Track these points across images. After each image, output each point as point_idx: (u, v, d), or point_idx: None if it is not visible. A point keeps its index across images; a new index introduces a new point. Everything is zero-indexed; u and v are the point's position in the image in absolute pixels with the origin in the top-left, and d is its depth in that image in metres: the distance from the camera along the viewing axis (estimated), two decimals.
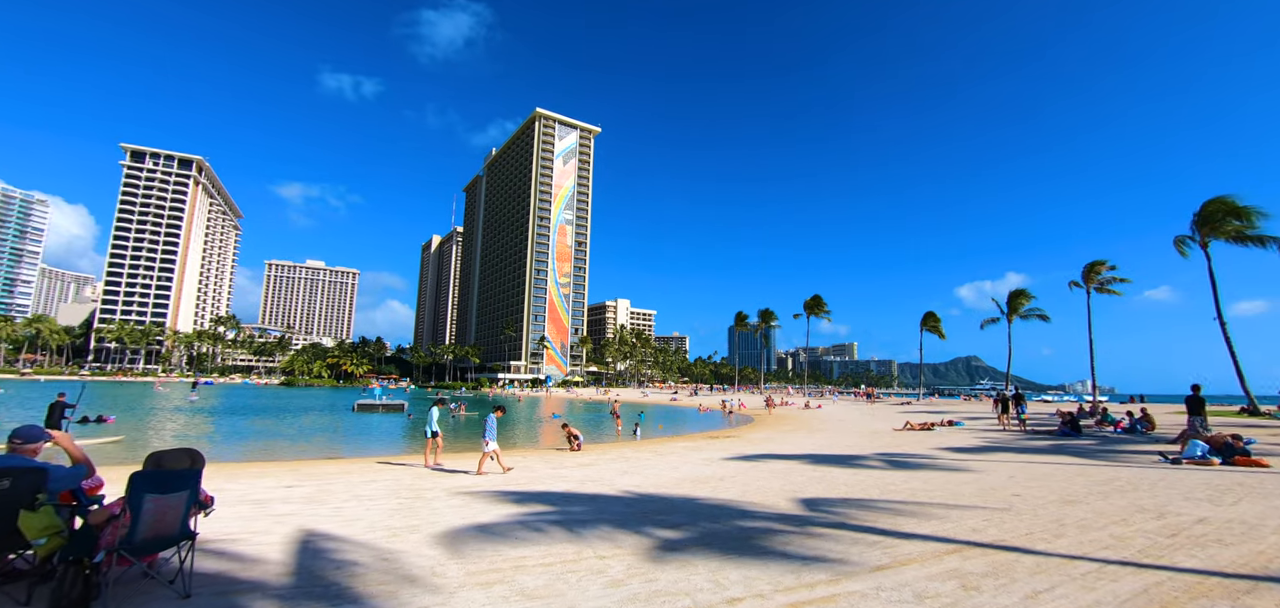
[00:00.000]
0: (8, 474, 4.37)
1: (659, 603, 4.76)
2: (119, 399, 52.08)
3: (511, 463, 15.06)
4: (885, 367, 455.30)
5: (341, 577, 5.44)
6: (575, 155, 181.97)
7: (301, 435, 27.84)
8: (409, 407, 46.29)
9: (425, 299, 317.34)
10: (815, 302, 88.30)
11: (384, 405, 44.20)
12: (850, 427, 30.95)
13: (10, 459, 4.60)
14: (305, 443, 24.79)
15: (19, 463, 4.54)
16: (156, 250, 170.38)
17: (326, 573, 5.56)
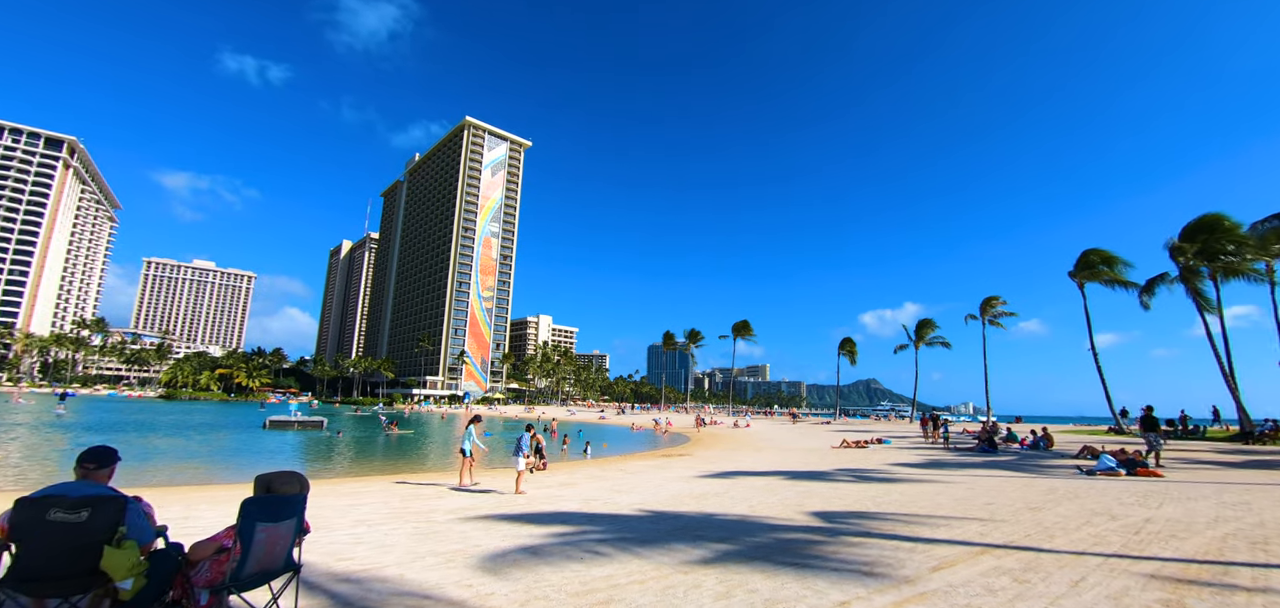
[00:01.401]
0: (86, 505, 3.78)
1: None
2: None
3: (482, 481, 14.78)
4: (795, 387, 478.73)
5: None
6: (504, 167, 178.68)
7: (221, 455, 25.47)
8: (329, 424, 43.29)
9: (331, 308, 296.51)
10: (742, 326, 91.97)
11: (299, 422, 41.04)
12: (790, 445, 32.50)
13: (86, 487, 3.98)
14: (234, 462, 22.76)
15: (97, 492, 3.94)
16: (10, 239, 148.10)
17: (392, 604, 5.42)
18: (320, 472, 20.47)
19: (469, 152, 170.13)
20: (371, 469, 22.03)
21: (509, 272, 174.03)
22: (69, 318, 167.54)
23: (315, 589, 5.47)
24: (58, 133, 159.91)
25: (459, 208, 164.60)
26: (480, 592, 5.46)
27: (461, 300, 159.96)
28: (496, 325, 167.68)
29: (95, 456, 4.19)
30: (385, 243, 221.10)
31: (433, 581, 5.87)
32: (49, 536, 3.70)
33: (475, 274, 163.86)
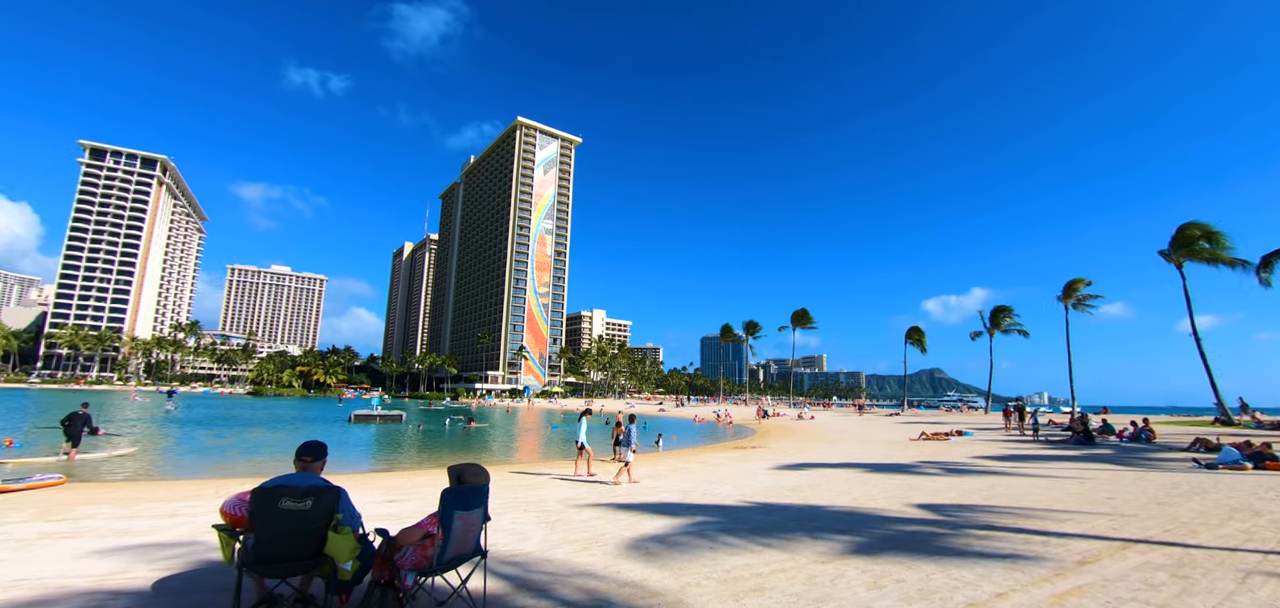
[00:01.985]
0: (310, 494, 4.25)
1: (935, 602, 5.17)
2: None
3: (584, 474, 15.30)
4: (853, 378, 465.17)
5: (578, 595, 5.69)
6: (556, 165, 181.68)
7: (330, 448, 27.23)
8: (407, 417, 45.55)
9: (396, 307, 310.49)
10: (801, 315, 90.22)
11: (381, 415, 43.32)
12: (863, 438, 31.84)
13: (307, 478, 4.49)
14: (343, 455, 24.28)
15: (317, 482, 4.43)
16: (115, 252, 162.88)
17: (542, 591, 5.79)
18: (418, 463, 21.67)
19: (521, 151, 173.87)
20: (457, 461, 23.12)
21: (563, 267, 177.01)
22: (167, 322, 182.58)
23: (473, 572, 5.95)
24: (152, 153, 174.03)
25: (514, 206, 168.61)
26: (634, 578, 5.79)
27: (518, 297, 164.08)
28: (553, 320, 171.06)
29: (311, 449, 4.76)
30: (445, 243, 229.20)
31: (582, 564, 6.26)
32: (281, 522, 4.24)
33: (531, 271, 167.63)
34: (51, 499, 10.27)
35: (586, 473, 15.21)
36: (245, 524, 4.51)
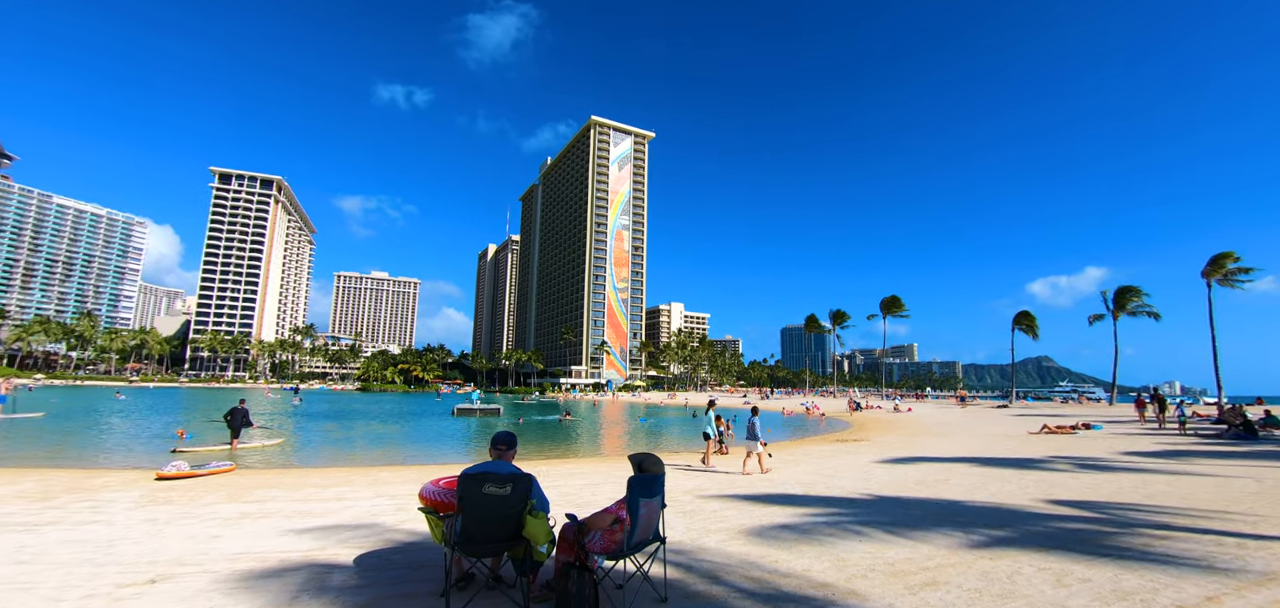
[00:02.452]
0: (510, 480, 4.56)
1: (1135, 604, 4.85)
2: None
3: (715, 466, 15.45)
4: (948, 368, 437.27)
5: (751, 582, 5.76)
6: (630, 161, 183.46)
7: (439, 440, 29.17)
8: (503, 411, 47.83)
9: (482, 306, 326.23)
10: (892, 302, 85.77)
11: (481, 409, 45.75)
12: (974, 431, 29.95)
13: (505, 466, 4.79)
14: (459, 446, 25.96)
15: (514, 470, 4.73)
16: (242, 266, 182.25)
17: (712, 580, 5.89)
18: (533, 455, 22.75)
19: (596, 150, 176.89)
20: (572, 452, 23.97)
21: (641, 262, 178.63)
22: (286, 326, 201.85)
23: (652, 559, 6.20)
24: (268, 174, 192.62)
25: (590, 204, 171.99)
26: (795, 567, 5.84)
27: (598, 293, 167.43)
28: (632, 315, 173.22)
29: (505, 439, 5.13)
30: (526, 243, 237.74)
31: (737, 553, 6.37)
32: (485, 505, 4.60)
33: (609, 267, 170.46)
34: (231, 484, 11.69)
35: (712, 464, 15.70)
36: (448, 508, 5.00)
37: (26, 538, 6.84)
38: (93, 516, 8.20)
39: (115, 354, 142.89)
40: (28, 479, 11.64)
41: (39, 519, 7.94)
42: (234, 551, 6.38)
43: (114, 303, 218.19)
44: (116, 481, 11.75)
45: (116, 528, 7.42)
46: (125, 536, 7.00)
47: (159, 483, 11.57)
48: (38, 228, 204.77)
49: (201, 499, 9.72)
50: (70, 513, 8.35)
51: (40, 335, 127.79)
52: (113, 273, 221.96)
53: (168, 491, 10.57)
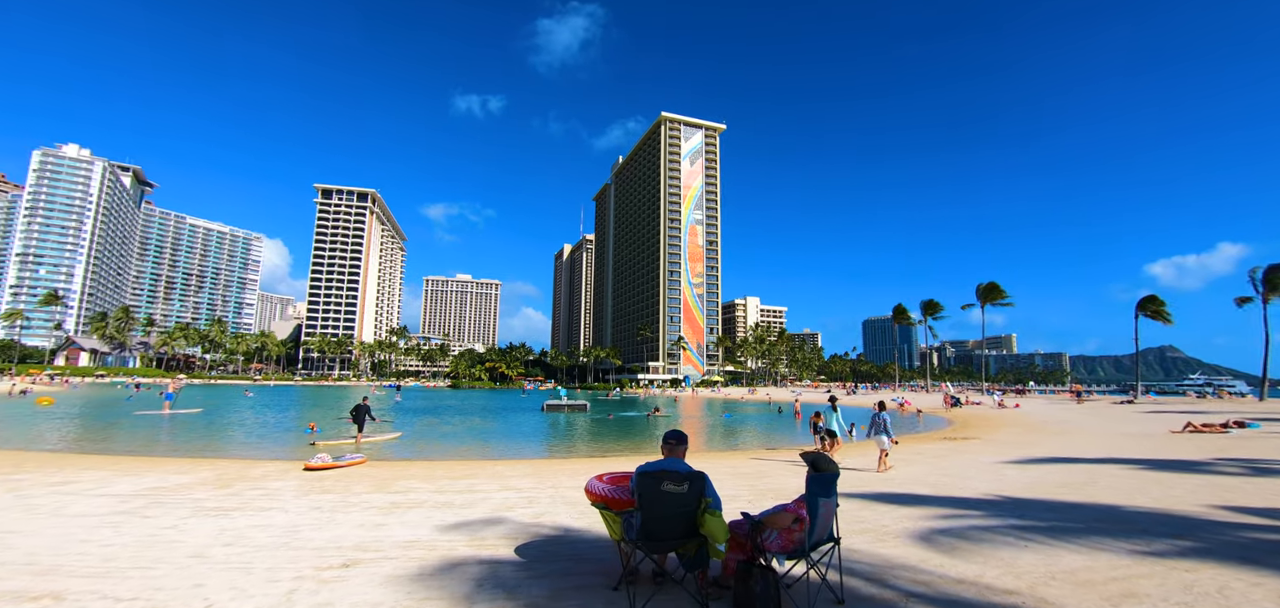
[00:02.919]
0: (687, 479, 4.58)
1: None
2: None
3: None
4: (1053, 361, 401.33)
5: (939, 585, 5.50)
6: (701, 155, 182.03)
7: (539, 436, 30.22)
8: (590, 408, 48.92)
9: (559, 304, 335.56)
10: (990, 289, 79.82)
11: (569, 406, 46.99)
12: (1099, 429, 27.38)
13: (680, 464, 4.81)
14: (562, 441, 26.83)
15: (689, 468, 4.73)
16: (344, 273, 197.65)
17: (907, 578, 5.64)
18: (631, 449, 23.08)
19: (667, 145, 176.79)
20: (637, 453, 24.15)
21: (716, 256, 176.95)
22: (383, 328, 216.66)
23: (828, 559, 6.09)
24: (364, 188, 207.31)
25: (663, 200, 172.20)
26: (966, 574, 5.52)
27: (674, 289, 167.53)
28: (708, 310, 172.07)
29: (677, 437, 5.15)
30: (601, 242, 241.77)
31: (893, 556, 6.11)
32: (663, 502, 4.63)
33: (684, 262, 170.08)
34: (370, 475, 12.61)
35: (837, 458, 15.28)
36: (619, 504, 5.13)
37: (224, 522, 7.70)
38: (268, 502, 9.12)
39: (241, 356, 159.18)
40: (204, 468, 13.15)
41: (225, 504, 8.93)
42: (403, 539, 6.86)
43: (238, 310, 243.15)
44: (273, 471, 13.01)
45: (291, 514, 8.19)
46: (302, 521, 7.72)
47: (307, 473, 12.71)
48: (175, 246, 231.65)
49: (352, 489, 10.55)
50: (248, 500, 9.32)
51: (181, 340, 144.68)
52: (236, 283, 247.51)
53: (319, 480, 11.58)
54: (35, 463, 13.55)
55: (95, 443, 21.18)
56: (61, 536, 6.82)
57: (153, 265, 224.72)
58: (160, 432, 25.49)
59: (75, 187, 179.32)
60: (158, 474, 11.96)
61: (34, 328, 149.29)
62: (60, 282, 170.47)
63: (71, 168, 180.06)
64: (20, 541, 6.58)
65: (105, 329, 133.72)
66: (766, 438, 28.13)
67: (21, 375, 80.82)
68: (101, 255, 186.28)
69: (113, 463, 13.91)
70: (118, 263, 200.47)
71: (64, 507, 8.54)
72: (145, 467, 13.26)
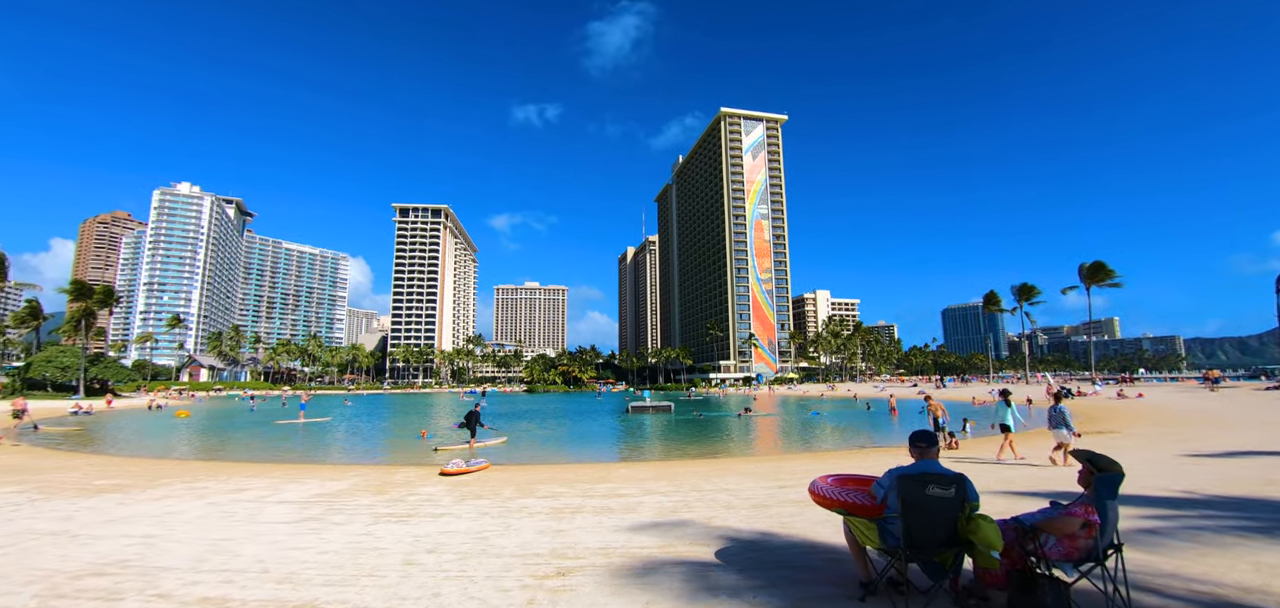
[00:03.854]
0: (953, 482, 4.32)
1: None
2: (436, 406, 63.50)
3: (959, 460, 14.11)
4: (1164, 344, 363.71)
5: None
6: (763, 148, 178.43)
7: (636, 437, 30.30)
8: (675, 409, 48.74)
9: (625, 307, 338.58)
10: (1096, 269, 73.21)
11: (653, 407, 47.00)
12: (1265, 421, 24.37)
13: (939, 466, 4.53)
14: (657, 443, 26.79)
15: (953, 471, 4.46)
16: (422, 286, 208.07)
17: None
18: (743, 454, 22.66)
19: (728, 141, 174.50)
20: (773, 450, 23.52)
21: (783, 250, 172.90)
22: (460, 337, 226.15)
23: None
24: (437, 204, 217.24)
25: (727, 197, 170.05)
26: (1226, 577, 4.85)
27: (742, 285, 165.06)
28: (778, 306, 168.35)
29: (928, 438, 4.77)
30: (665, 242, 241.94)
31: (1148, 561, 5.43)
32: (929, 507, 4.31)
33: (751, 258, 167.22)
34: (507, 480, 12.82)
35: (1014, 456, 14.53)
36: (864, 511, 4.78)
37: (411, 528, 7.94)
38: (435, 508, 9.38)
39: (335, 367, 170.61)
40: (350, 474, 13.85)
41: (396, 510, 9.26)
42: (595, 544, 6.81)
43: (329, 325, 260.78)
44: (413, 476, 13.53)
45: (465, 521, 8.36)
46: (482, 528, 7.84)
47: (445, 478, 13.12)
48: (273, 268, 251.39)
49: (498, 493, 10.74)
50: (414, 506, 9.63)
51: (284, 355, 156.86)
52: (327, 300, 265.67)
53: (462, 485, 11.89)
54: (204, 472, 14.77)
55: (248, 451, 22.96)
56: (271, 543, 7.21)
57: (255, 287, 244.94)
58: (298, 440, 27.51)
59: (189, 220, 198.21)
60: (315, 481, 12.68)
61: (161, 349, 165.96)
62: (180, 306, 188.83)
63: (185, 203, 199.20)
64: (238, 547, 7.00)
65: (220, 347, 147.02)
66: (871, 436, 26.91)
67: (154, 392, 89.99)
68: (213, 280, 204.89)
69: (271, 471, 14.94)
70: (226, 287, 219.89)
71: (256, 514, 9.12)
72: (301, 474, 14.13)
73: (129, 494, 11.04)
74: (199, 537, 7.51)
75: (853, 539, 4.98)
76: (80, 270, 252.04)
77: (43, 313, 78.91)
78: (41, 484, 12.55)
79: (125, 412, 52.30)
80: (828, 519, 7.92)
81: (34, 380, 71.35)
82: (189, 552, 6.73)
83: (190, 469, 15.29)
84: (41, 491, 11.67)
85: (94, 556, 6.61)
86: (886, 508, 4.57)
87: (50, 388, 69.15)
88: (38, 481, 13.08)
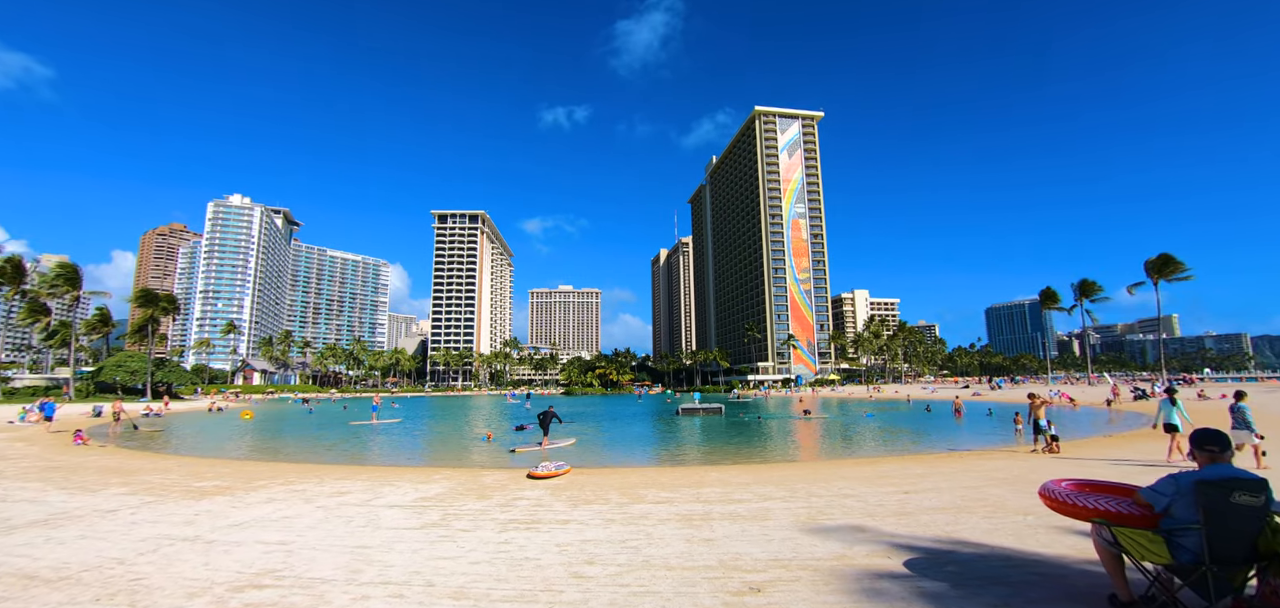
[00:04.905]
0: (1263, 489, 3.82)
1: None
2: (482, 408, 64.10)
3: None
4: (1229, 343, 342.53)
5: None
6: (799, 146, 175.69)
7: (695, 440, 29.70)
8: (725, 410, 47.96)
9: (659, 309, 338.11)
10: (1164, 262, 69.08)
11: (704, 409, 46.28)
12: None
13: (1234, 470, 4.02)
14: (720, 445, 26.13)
15: (1253, 476, 3.96)
16: (461, 290, 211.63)
17: None
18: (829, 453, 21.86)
19: (763, 140, 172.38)
20: (873, 454, 22.66)
21: (821, 249, 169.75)
22: (498, 340, 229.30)
23: None
24: (474, 210, 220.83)
25: (763, 197, 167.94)
26: None
27: (779, 286, 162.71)
28: (818, 306, 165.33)
29: (1218, 439, 4.18)
30: (699, 243, 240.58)
31: None
32: (1234, 518, 3.77)
33: (788, 258, 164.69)
34: (600, 484, 12.39)
35: (1181, 456, 13.73)
36: (1136, 521, 4.20)
37: (540, 536, 7.58)
38: (551, 514, 9.02)
39: (378, 371, 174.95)
40: (439, 478, 13.64)
41: (512, 516, 8.94)
42: (762, 555, 6.35)
43: (371, 330, 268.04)
44: (504, 479, 13.24)
45: (594, 528, 7.96)
46: (621, 536, 7.41)
47: (536, 480, 12.80)
48: (319, 276, 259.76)
49: (604, 498, 10.35)
50: (531, 513, 9.28)
51: (330, 359, 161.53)
52: (369, 306, 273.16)
53: (560, 489, 11.51)
54: (294, 473, 14.81)
55: (333, 453, 23.25)
56: (411, 551, 6.92)
57: (301, 294, 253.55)
58: (377, 441, 27.94)
59: (240, 230, 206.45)
60: (408, 484, 12.52)
61: (216, 354, 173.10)
62: (233, 312, 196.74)
63: (237, 214, 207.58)
64: (380, 555, 6.73)
65: (271, 352, 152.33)
66: (952, 439, 25.60)
67: (212, 394, 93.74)
68: (262, 288, 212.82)
69: (357, 473, 14.90)
70: (275, 293, 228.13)
71: (375, 519, 8.91)
72: (389, 476, 14.02)
73: (236, 497, 11.03)
74: (335, 544, 7.27)
75: (1109, 553, 4.42)
76: (141, 280, 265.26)
77: (112, 320, 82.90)
78: (146, 486, 12.71)
79: (186, 414, 54.27)
80: (997, 526, 7.26)
81: (105, 384, 74.96)
82: (336, 561, 6.47)
83: (281, 471, 15.37)
84: (150, 492, 11.78)
85: (238, 564, 6.41)
86: (1166, 518, 4.05)
87: (120, 391, 72.47)
88: (141, 482, 13.28)
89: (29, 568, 6.31)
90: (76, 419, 39.08)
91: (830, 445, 23.77)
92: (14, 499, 11.14)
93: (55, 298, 74.01)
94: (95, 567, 6.30)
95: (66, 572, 6.14)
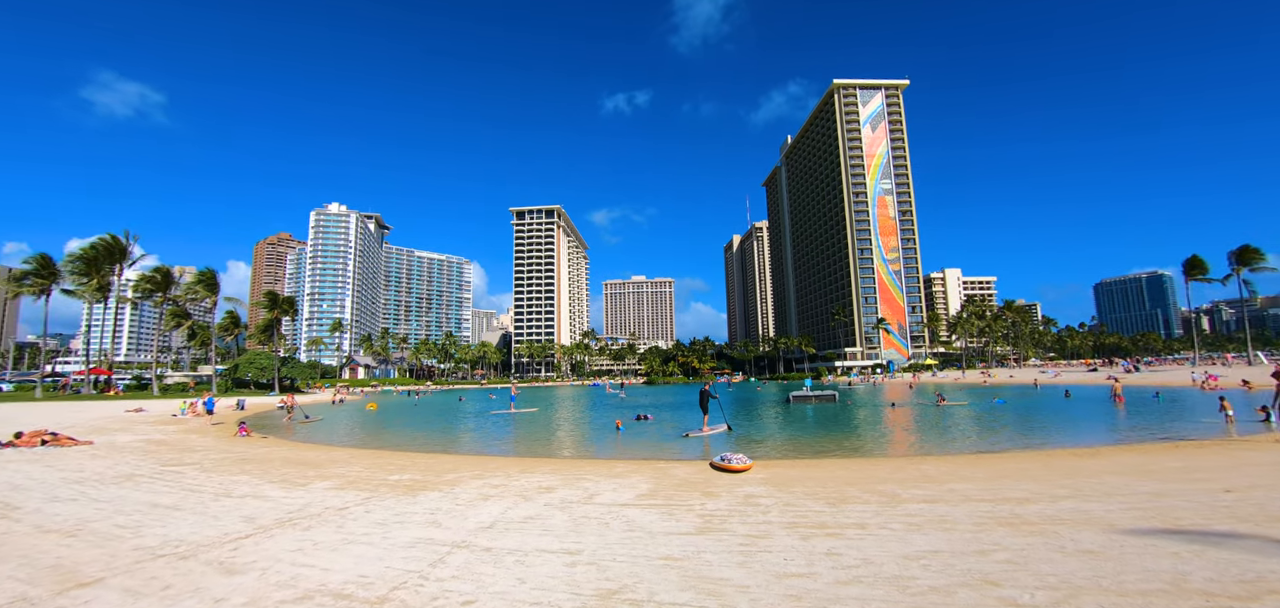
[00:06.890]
0: None
1: None
2: (577, 398, 64.62)
3: None
4: None
5: None
6: (883, 118, 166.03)
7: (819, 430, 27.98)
8: (839, 397, 45.66)
9: (733, 296, 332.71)
10: None
11: (816, 397, 44.16)
12: None
13: None
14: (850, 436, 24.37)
15: None
16: (540, 284, 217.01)
17: None
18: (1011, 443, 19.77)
19: (843, 114, 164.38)
20: (1067, 445, 20.31)
21: (911, 227, 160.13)
22: (577, 332, 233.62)
23: None
24: (550, 205, 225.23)
25: (845, 174, 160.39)
26: None
27: (866, 267, 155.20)
28: (909, 287, 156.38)
29: None
30: (775, 228, 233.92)
31: None
32: None
33: (875, 237, 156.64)
34: (793, 478, 11.17)
35: None
36: None
37: (854, 547, 6.46)
38: (827, 518, 7.91)
39: (467, 363, 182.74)
40: (634, 473, 12.92)
41: (770, 520, 7.90)
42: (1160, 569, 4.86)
43: (458, 325, 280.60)
44: (692, 473, 12.33)
45: (921, 535, 6.75)
46: (948, 547, 6.17)
47: (731, 474, 11.82)
48: (409, 275, 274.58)
49: (816, 496, 9.11)
50: (790, 516, 8.24)
51: (425, 353, 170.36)
52: (454, 302, 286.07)
53: (763, 483, 10.38)
54: (474, 466, 14.59)
55: (489, 445, 23.69)
56: (735, 566, 6.02)
57: (393, 293, 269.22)
58: (520, 431, 28.47)
59: (339, 236, 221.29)
60: (604, 478, 11.89)
61: (325, 351, 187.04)
62: (336, 312, 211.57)
63: (335, 221, 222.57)
64: (714, 570, 5.83)
65: (372, 348, 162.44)
66: (1147, 428, 22.38)
67: (338, 386, 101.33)
68: (360, 288, 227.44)
69: (542, 466, 14.45)
70: (371, 293, 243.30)
71: (632, 521, 8.15)
72: (585, 470, 13.38)
73: (447, 493, 10.70)
74: (638, 556, 6.45)
75: None
76: (256, 285, 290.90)
77: (242, 322, 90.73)
78: (344, 479, 12.70)
79: (314, 406, 58.00)
80: None
81: (240, 380, 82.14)
82: (668, 579, 5.65)
83: (455, 463, 15.26)
84: (355, 487, 11.65)
85: (566, 587, 5.72)
86: None
87: (252, 386, 79.20)
88: (337, 475, 13.37)
89: (329, 584, 5.88)
90: (225, 412, 42.48)
91: (1020, 435, 21.35)
92: (237, 494, 11.23)
93: (195, 303, 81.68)
94: (400, 584, 5.70)
95: (373, 587, 5.57)
